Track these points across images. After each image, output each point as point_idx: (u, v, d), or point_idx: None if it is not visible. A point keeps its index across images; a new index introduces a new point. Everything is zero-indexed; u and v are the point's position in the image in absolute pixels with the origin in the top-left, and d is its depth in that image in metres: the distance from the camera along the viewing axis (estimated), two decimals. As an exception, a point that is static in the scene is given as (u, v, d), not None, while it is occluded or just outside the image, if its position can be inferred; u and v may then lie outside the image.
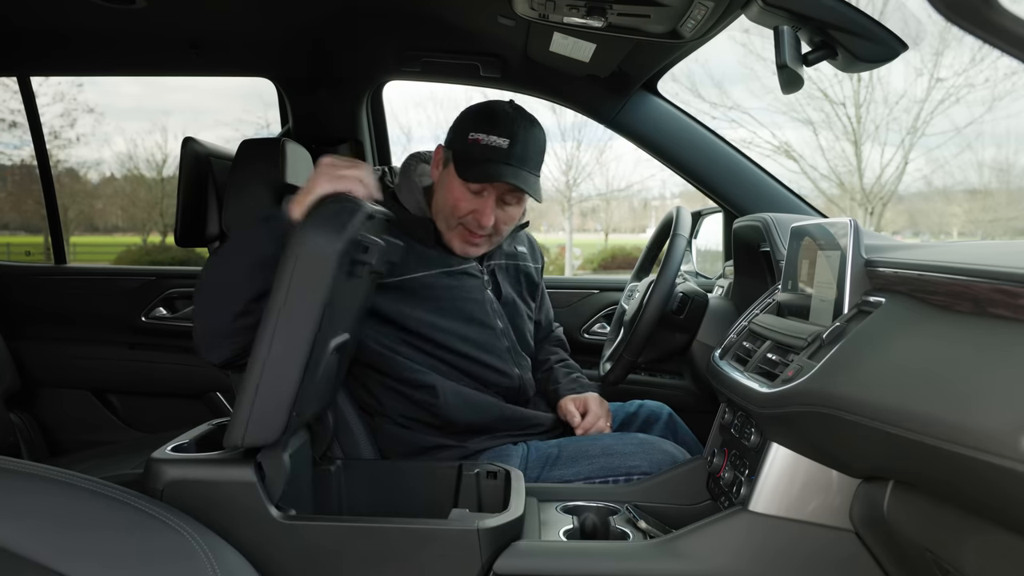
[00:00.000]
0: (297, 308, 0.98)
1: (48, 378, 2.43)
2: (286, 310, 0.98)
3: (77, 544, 0.83)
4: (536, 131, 1.42)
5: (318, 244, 0.98)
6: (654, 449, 1.39)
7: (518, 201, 1.44)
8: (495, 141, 1.37)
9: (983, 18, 0.50)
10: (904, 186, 12.08)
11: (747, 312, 1.34)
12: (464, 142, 1.40)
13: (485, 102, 1.47)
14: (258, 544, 0.99)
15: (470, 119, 1.43)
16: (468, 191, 1.40)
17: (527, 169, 1.39)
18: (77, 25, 2.01)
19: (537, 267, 1.69)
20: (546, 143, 1.46)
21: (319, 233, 0.99)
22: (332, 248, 0.97)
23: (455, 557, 0.99)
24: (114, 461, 1.98)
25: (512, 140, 1.37)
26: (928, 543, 0.78)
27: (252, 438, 0.99)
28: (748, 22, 1.21)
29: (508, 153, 1.36)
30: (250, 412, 0.98)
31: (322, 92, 2.21)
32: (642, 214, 18.38)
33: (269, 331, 0.98)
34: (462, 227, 1.44)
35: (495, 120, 1.39)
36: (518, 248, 1.64)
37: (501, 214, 1.43)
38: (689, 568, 1.01)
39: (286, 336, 0.98)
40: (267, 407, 0.99)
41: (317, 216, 1.03)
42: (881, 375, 0.78)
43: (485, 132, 1.38)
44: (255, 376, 0.98)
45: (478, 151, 1.38)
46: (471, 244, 1.46)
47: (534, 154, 1.41)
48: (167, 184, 13.91)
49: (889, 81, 11.70)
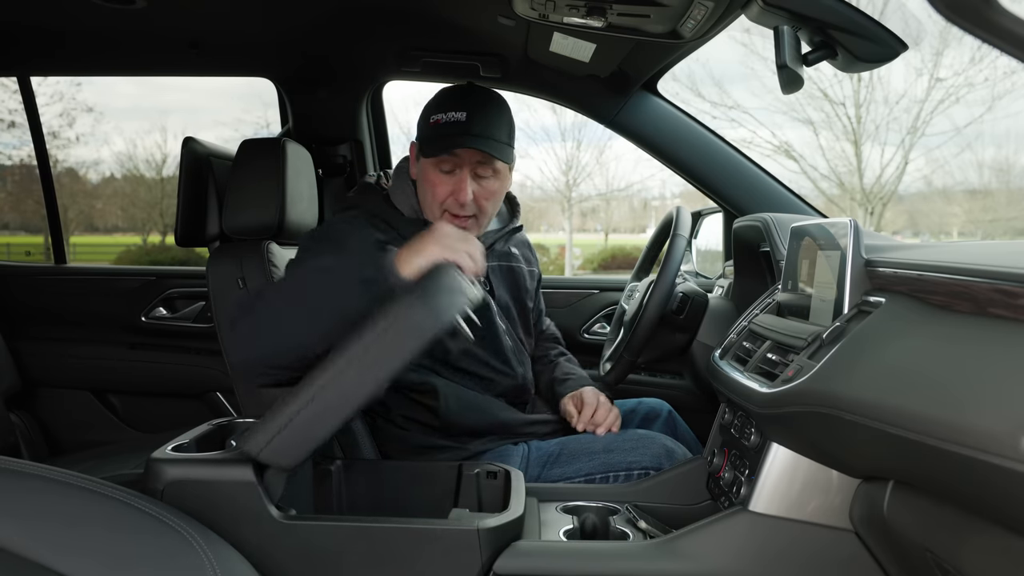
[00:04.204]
0: (373, 365, 0.97)
1: (48, 378, 2.43)
2: (362, 362, 0.97)
3: (77, 544, 0.83)
4: (494, 103, 1.45)
5: (420, 320, 0.97)
6: (654, 444, 1.40)
7: (493, 173, 1.45)
8: (453, 116, 1.40)
9: (983, 18, 0.50)
10: (904, 186, 12.10)
11: (747, 312, 1.34)
12: (427, 126, 1.44)
13: (441, 88, 1.49)
14: (258, 544, 0.99)
15: (431, 105, 1.46)
16: (441, 172, 1.43)
17: (490, 136, 1.41)
18: (77, 25, 2.01)
19: (531, 270, 1.69)
20: (510, 114, 1.47)
21: (425, 310, 0.98)
22: (431, 327, 0.97)
23: (455, 557, 0.99)
24: (114, 461, 1.98)
25: (469, 112, 1.40)
26: (928, 543, 0.78)
27: (269, 456, 0.98)
28: (748, 22, 1.21)
29: (467, 125, 1.39)
30: (280, 432, 0.97)
31: (322, 92, 2.21)
32: (642, 214, 18.40)
33: (336, 372, 0.97)
34: (447, 213, 1.45)
35: (451, 98, 1.44)
36: (512, 250, 1.65)
37: (479, 189, 1.44)
38: (689, 568, 1.01)
39: (351, 385, 0.97)
40: (299, 436, 0.98)
41: (427, 290, 1.02)
42: (881, 375, 0.78)
43: (443, 111, 1.42)
44: (301, 403, 0.97)
45: (439, 129, 1.41)
46: (460, 227, 1.46)
47: (495, 123, 1.42)
48: (167, 184, 13.92)
49: (889, 81, 11.71)
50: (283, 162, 1.60)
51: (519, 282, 1.63)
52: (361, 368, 0.97)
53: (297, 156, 1.67)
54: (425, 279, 1.06)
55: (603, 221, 18.05)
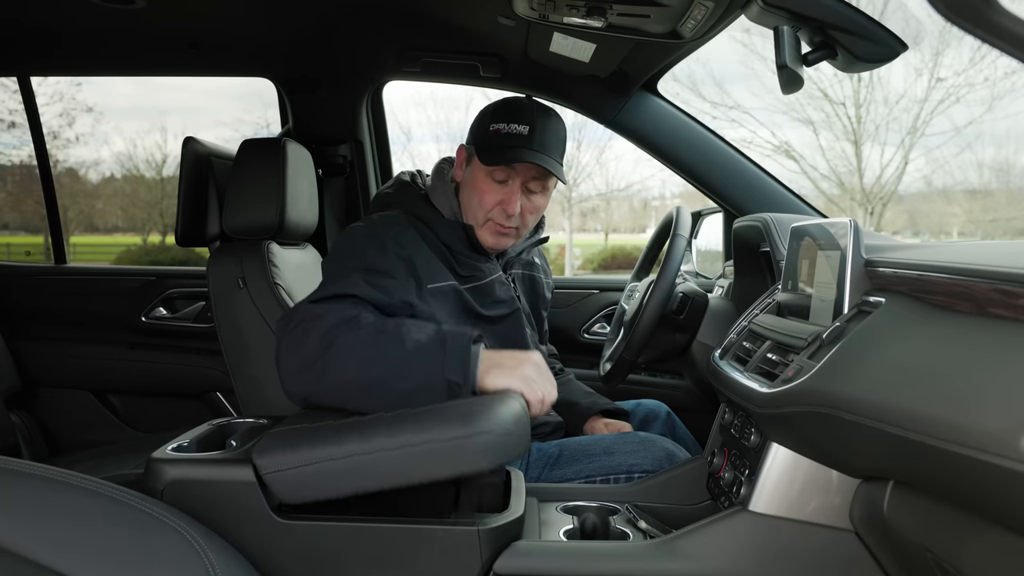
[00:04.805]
0: (417, 463, 0.97)
1: (48, 378, 2.44)
2: (410, 454, 0.96)
3: (77, 544, 0.82)
4: (554, 120, 1.45)
5: (480, 453, 0.96)
6: (654, 447, 1.40)
7: (543, 189, 1.46)
8: (515, 128, 1.40)
9: (983, 18, 0.50)
10: (904, 186, 12.10)
11: (747, 312, 1.34)
12: (485, 134, 1.43)
13: (503, 98, 1.49)
14: (258, 544, 0.99)
15: (490, 112, 1.46)
16: (493, 181, 1.42)
17: (548, 154, 1.41)
18: (77, 25, 2.01)
19: (548, 281, 1.72)
20: (566, 133, 1.48)
21: (488, 449, 0.96)
22: (486, 464, 0.96)
23: (455, 557, 0.99)
24: (114, 461, 1.98)
25: (531, 127, 1.40)
26: (928, 543, 0.78)
27: (275, 481, 0.98)
28: (748, 22, 1.21)
29: (528, 139, 1.39)
30: (297, 467, 0.97)
31: (322, 92, 2.21)
32: (642, 214, 18.40)
33: (382, 447, 0.97)
34: (491, 222, 1.45)
35: (514, 110, 1.43)
36: (534, 260, 1.67)
37: (527, 203, 1.45)
38: (689, 568, 1.01)
39: (388, 466, 0.97)
40: (313, 481, 0.97)
41: (499, 423, 0.98)
42: (881, 375, 0.78)
43: (505, 122, 1.41)
44: (333, 453, 0.96)
45: (500, 139, 1.40)
46: (502, 235, 1.47)
47: (554, 141, 1.43)
48: (167, 184, 13.92)
49: (889, 81, 11.73)
50: (283, 162, 1.60)
51: (538, 291, 1.66)
52: (406, 459, 0.96)
53: (297, 156, 1.67)
54: (500, 409, 1.01)
55: (603, 221, 18.06)
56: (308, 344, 1.14)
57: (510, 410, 1.01)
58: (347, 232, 1.41)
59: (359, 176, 2.28)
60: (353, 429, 0.99)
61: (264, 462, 0.98)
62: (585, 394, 1.65)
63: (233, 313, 1.58)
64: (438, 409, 1.01)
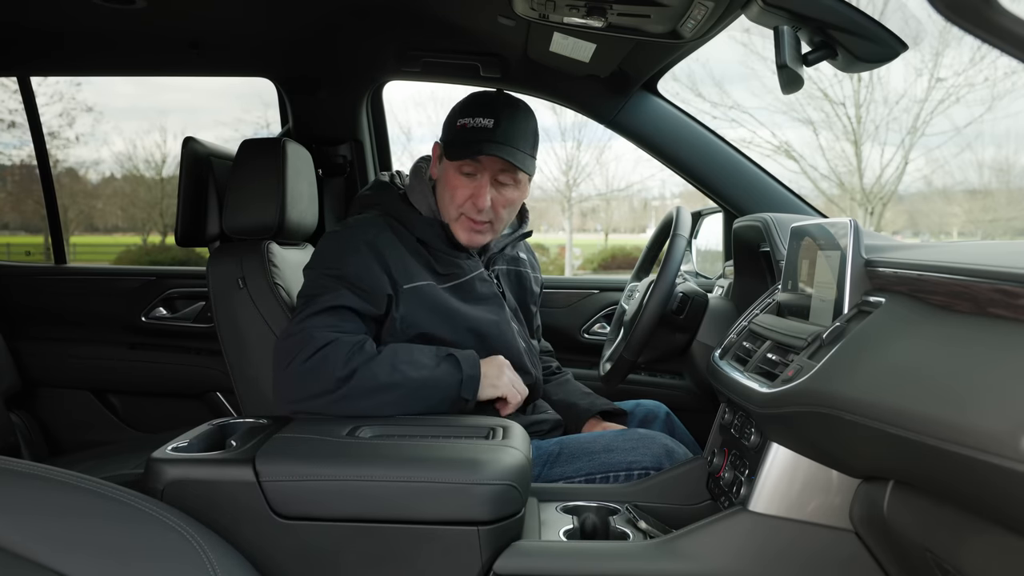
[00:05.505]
0: (412, 500, 1.01)
1: (48, 378, 2.43)
2: (407, 488, 1.01)
3: (77, 543, 0.82)
4: (521, 112, 1.46)
5: (466, 507, 1.00)
6: (654, 444, 1.40)
7: (514, 182, 1.46)
8: (480, 122, 1.42)
9: (983, 18, 0.50)
10: (904, 186, 12.09)
11: (747, 312, 1.34)
12: (453, 129, 1.45)
13: (472, 92, 1.51)
14: (258, 544, 0.99)
15: (459, 108, 1.47)
16: (462, 175, 1.44)
17: (514, 146, 1.42)
18: (77, 25, 2.01)
19: (536, 276, 1.72)
20: (536, 125, 1.48)
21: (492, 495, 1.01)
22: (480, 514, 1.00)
23: (455, 557, 0.99)
24: (114, 461, 1.98)
25: (496, 119, 1.41)
26: (928, 543, 0.78)
27: (274, 491, 1.00)
28: (748, 22, 1.21)
29: (492, 132, 1.41)
30: (299, 480, 1.00)
31: (322, 92, 2.21)
32: (642, 214, 18.40)
33: (384, 477, 1.01)
34: (464, 217, 1.46)
35: (480, 104, 1.45)
36: (520, 255, 1.68)
37: (498, 196, 1.45)
38: (689, 568, 1.01)
39: (383, 493, 1.01)
40: (310, 495, 1.01)
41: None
42: (881, 375, 0.78)
43: (471, 116, 1.43)
44: (337, 473, 1.01)
45: (465, 134, 1.42)
46: (476, 232, 1.47)
47: (521, 133, 1.44)
48: (167, 184, 13.92)
49: (889, 81, 11.73)
50: (283, 162, 1.60)
51: (525, 286, 1.66)
52: (405, 494, 1.00)
53: (297, 156, 1.67)
54: (506, 460, 1.05)
55: (603, 221, 18.06)
56: (323, 376, 1.26)
57: (514, 461, 1.04)
58: (326, 238, 1.47)
59: (359, 176, 2.28)
60: (364, 450, 1.03)
61: (266, 468, 0.99)
62: (583, 395, 1.65)
63: (233, 313, 1.58)
64: (446, 447, 1.06)
